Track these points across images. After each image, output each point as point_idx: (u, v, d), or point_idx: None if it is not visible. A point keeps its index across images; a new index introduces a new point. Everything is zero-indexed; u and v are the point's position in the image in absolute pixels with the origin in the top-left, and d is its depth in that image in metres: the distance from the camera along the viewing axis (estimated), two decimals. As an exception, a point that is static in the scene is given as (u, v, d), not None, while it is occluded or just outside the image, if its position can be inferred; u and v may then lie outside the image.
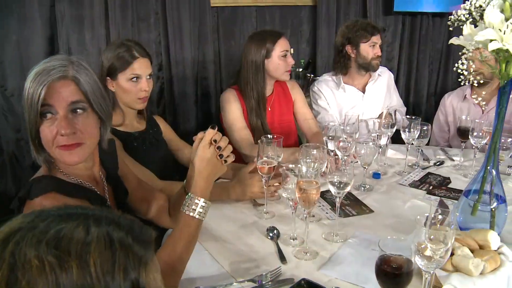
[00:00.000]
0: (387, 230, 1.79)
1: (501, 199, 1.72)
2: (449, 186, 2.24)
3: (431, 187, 2.20)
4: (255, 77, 2.63)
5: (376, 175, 2.29)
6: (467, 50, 1.60)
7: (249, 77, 2.63)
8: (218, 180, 2.21)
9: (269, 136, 1.99)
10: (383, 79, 3.29)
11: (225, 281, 1.48)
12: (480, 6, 1.58)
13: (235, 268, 1.56)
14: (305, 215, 1.61)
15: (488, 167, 1.68)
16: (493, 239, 1.48)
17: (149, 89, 2.19)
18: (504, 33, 1.45)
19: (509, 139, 2.20)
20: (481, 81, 2.54)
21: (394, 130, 2.38)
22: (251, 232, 1.80)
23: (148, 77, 2.18)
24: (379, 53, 3.10)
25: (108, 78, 2.15)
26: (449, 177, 2.33)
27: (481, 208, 1.71)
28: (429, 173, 2.37)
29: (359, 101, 3.14)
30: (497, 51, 1.49)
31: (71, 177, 1.42)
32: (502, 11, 1.52)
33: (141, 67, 2.16)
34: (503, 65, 1.56)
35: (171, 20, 3.70)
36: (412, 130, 2.29)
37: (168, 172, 2.27)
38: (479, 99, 1.96)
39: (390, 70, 5.09)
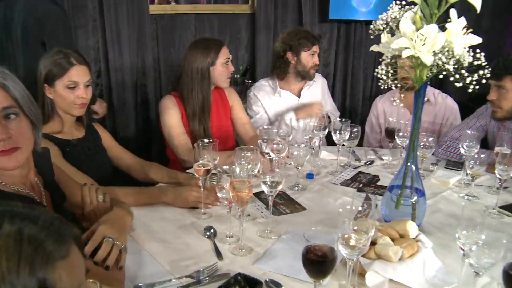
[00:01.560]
0: (318, 225, 1.89)
1: (421, 193, 1.86)
2: (378, 183, 2.38)
3: (361, 185, 2.34)
4: (200, 84, 2.69)
5: (310, 176, 2.40)
6: (386, 56, 1.73)
7: (194, 84, 2.68)
8: (158, 184, 2.28)
9: (205, 140, 2.06)
10: (318, 84, 3.43)
11: (165, 278, 1.54)
12: (395, 17, 1.72)
13: (174, 266, 1.62)
14: (239, 214, 1.69)
15: (409, 164, 1.82)
16: (411, 228, 1.61)
17: (86, 97, 2.21)
18: (415, 42, 1.58)
19: (430, 138, 2.36)
20: (407, 86, 2.76)
21: (326, 132, 2.50)
22: (189, 232, 1.86)
23: (86, 84, 2.20)
24: (317, 62, 3.27)
25: (46, 85, 2.15)
26: (378, 175, 2.47)
27: (404, 201, 1.85)
28: (360, 172, 2.51)
29: (294, 105, 3.26)
30: (411, 58, 1.63)
31: (8, 185, 1.44)
32: (414, 22, 1.66)
33: (79, 74, 2.17)
34: (417, 70, 1.71)
35: (110, 27, 3.72)
36: (342, 132, 2.42)
37: (108, 179, 2.29)
38: (398, 101, 2.12)
39: (327, 76, 5.30)
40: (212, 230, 1.83)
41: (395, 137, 2.47)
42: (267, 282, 1.49)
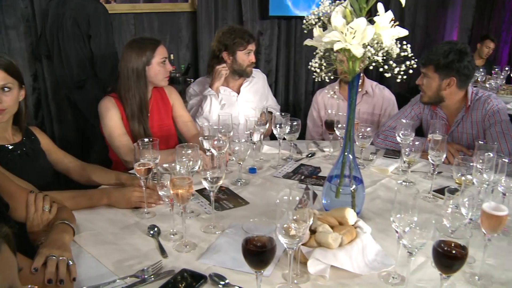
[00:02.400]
0: (261, 218, 1.92)
1: (359, 181, 1.92)
2: (319, 174, 2.44)
3: (303, 177, 2.38)
4: (137, 84, 2.66)
5: (252, 170, 2.43)
6: (320, 50, 1.77)
7: (130, 83, 2.65)
8: (101, 186, 2.26)
9: (144, 139, 2.05)
10: (258, 80, 3.46)
11: (109, 279, 1.53)
12: (327, 12, 1.77)
13: (118, 267, 1.61)
14: (181, 210, 1.70)
15: (346, 153, 1.88)
16: (350, 215, 1.66)
17: (4, 103, 2.03)
18: (346, 35, 1.64)
19: (368, 129, 2.44)
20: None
21: (266, 127, 2.54)
22: (133, 232, 1.85)
23: (6, 89, 2.02)
24: (253, 60, 3.27)
25: None
26: (319, 167, 2.53)
27: (343, 190, 1.90)
28: (301, 165, 2.56)
29: (234, 102, 3.29)
30: (343, 50, 1.68)
31: None
32: (344, 16, 1.71)
33: None
34: (350, 63, 1.76)
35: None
36: (283, 126, 2.46)
37: (48, 183, 2.24)
38: (331, 92, 2.17)
39: (269, 72, 5.36)
40: (156, 229, 1.83)
41: (334, 128, 2.54)
42: (212, 276, 1.51)
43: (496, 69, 5.24)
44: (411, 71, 1.63)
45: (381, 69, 1.62)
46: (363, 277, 1.54)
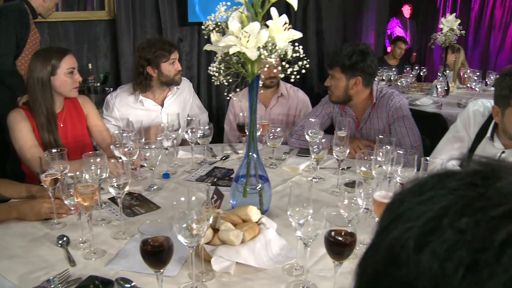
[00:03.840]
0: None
1: (265, 179, 1.99)
2: (232, 176, 2.49)
3: (215, 179, 2.43)
4: (42, 94, 2.61)
5: (166, 175, 2.45)
6: (219, 54, 1.83)
7: (36, 94, 2.60)
8: (10, 200, 2.21)
9: (52, 150, 2.03)
10: (183, 90, 3.39)
11: (12, 293, 1.51)
12: (225, 18, 1.83)
13: (23, 280, 1.58)
14: (87, 218, 1.71)
15: (250, 153, 1.95)
16: (253, 212, 1.73)
17: None
18: (241, 39, 1.70)
19: (278, 129, 2.53)
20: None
21: (178, 132, 2.57)
22: (41, 244, 1.83)
23: None
24: (179, 68, 3.17)
25: None
26: (232, 169, 2.59)
27: (250, 190, 1.96)
28: (215, 167, 2.61)
29: (157, 114, 3.26)
30: (239, 54, 1.75)
31: None
32: (242, 22, 1.78)
33: None
34: (249, 65, 1.83)
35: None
36: (194, 130, 2.50)
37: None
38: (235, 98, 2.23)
39: (191, 78, 5.38)
40: (64, 239, 1.81)
41: (246, 131, 2.60)
42: (118, 280, 1.52)
43: (407, 68, 5.52)
44: (304, 71, 1.72)
45: (274, 70, 1.70)
46: (267, 271, 1.61)
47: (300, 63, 1.72)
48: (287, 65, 1.71)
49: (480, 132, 2.42)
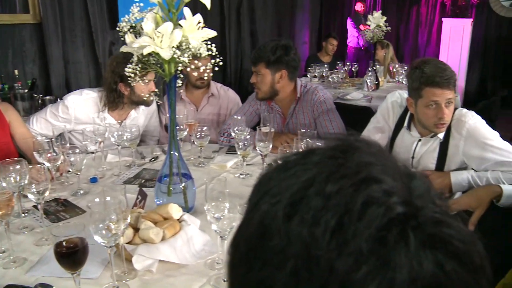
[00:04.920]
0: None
1: (188, 177, 2.01)
2: (161, 177, 2.51)
3: (143, 181, 2.44)
4: None
5: (93, 180, 2.43)
6: (136, 55, 1.84)
7: None
8: None
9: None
10: (145, 109, 3.20)
11: None
12: (139, 19, 1.84)
13: None
14: (5, 226, 1.68)
15: (172, 152, 1.97)
16: (173, 210, 1.75)
17: None
18: (155, 40, 1.72)
19: (204, 128, 2.56)
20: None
21: (106, 136, 2.55)
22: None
23: None
24: (154, 89, 2.88)
25: None
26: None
27: (174, 188, 1.98)
28: (144, 169, 2.61)
29: (115, 130, 3.06)
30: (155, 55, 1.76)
31: None
32: (157, 22, 1.80)
33: None
34: (166, 66, 1.85)
35: None
36: (120, 133, 2.49)
37: None
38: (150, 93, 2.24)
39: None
40: (-18, 250, 1.78)
41: (173, 131, 2.62)
42: (37, 287, 1.51)
43: (339, 64, 5.67)
44: (216, 68, 1.76)
45: (188, 69, 1.73)
46: (189, 266, 1.63)
47: (213, 61, 1.75)
48: (199, 64, 1.74)
49: (399, 122, 2.54)
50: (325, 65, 5.64)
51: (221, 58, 1.76)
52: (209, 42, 1.79)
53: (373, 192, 0.48)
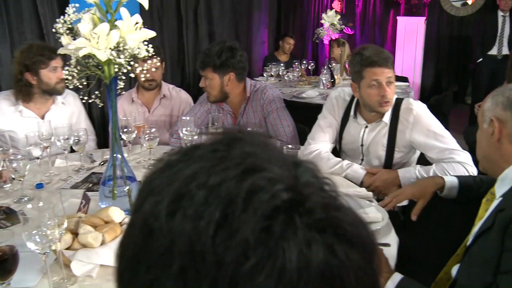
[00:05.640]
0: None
1: (133, 180, 1.99)
2: (110, 180, 2.47)
3: (91, 185, 2.39)
4: None
5: (39, 185, 2.37)
6: (74, 57, 1.80)
7: None
8: None
9: None
10: (69, 106, 3.17)
11: None
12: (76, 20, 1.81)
13: None
14: None
15: (115, 155, 1.94)
16: (114, 213, 1.72)
17: None
18: (91, 41, 1.69)
19: (153, 129, 2.53)
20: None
21: (52, 140, 2.49)
22: None
23: None
24: (62, 76, 2.76)
25: None
26: (110, 173, 2.56)
27: (119, 192, 1.96)
28: (92, 173, 2.56)
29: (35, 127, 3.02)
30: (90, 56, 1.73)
31: None
32: (95, 23, 1.77)
33: None
34: (106, 67, 1.82)
35: None
36: (67, 137, 2.45)
37: None
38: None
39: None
40: None
41: (120, 133, 2.58)
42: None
43: (296, 63, 5.71)
44: (154, 69, 1.74)
45: (125, 70, 1.71)
46: (132, 269, 1.61)
47: (149, 61, 1.73)
48: (136, 65, 1.72)
49: (345, 114, 2.66)
50: (282, 64, 5.66)
51: (159, 59, 1.74)
52: (146, 43, 1.77)
53: (257, 181, 0.47)
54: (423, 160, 2.57)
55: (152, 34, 1.81)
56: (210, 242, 0.45)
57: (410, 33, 7.76)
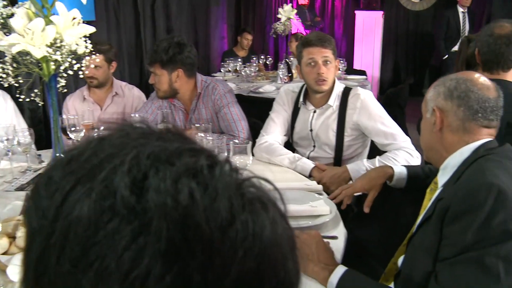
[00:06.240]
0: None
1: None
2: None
3: (37, 186, 2.32)
4: None
5: (-19, 188, 2.30)
6: (9, 54, 1.74)
7: None
8: None
9: None
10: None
11: None
12: (8, 16, 1.74)
13: None
14: None
15: (57, 155, 1.89)
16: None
17: None
18: (25, 37, 1.63)
19: (102, 127, 2.47)
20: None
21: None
22: None
23: None
24: None
25: None
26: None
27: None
28: (39, 174, 2.49)
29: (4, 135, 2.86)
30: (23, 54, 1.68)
31: None
32: (30, 18, 1.71)
33: None
34: (44, 64, 1.76)
35: None
36: (11, 138, 2.37)
37: None
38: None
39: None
40: None
41: (68, 133, 2.51)
42: None
43: (254, 58, 5.70)
44: (92, 66, 1.70)
45: (62, 68, 1.66)
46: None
47: (87, 58, 1.69)
48: (74, 62, 1.67)
49: (295, 105, 2.74)
50: (239, 59, 5.64)
51: (98, 55, 1.70)
52: (84, 39, 1.72)
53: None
54: (374, 155, 2.61)
55: (91, 29, 1.76)
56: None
57: (369, 27, 7.85)
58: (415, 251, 1.50)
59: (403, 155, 2.41)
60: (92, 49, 1.72)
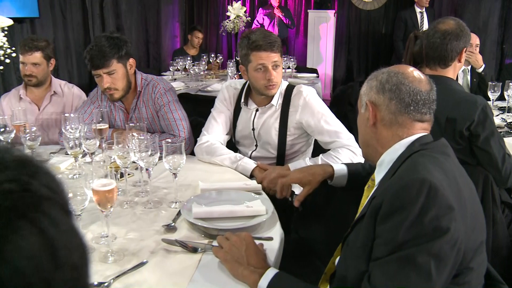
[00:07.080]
0: None
1: None
2: None
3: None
4: None
5: None
6: None
7: None
8: None
9: None
10: None
11: None
12: None
13: None
14: None
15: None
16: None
17: None
18: None
19: (34, 128, 2.35)
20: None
21: None
22: None
23: None
24: None
25: None
26: None
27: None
28: None
29: None
30: None
31: None
32: None
33: None
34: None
35: None
36: None
37: None
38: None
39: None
40: None
41: (-3, 134, 2.38)
42: None
43: (204, 56, 5.62)
44: (8, 61, 1.59)
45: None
46: None
47: (1, 52, 1.57)
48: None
49: (237, 103, 2.68)
50: (189, 58, 5.54)
51: (14, 49, 1.59)
52: (2, 34, 1.61)
53: None
54: (318, 154, 2.57)
55: (8, 22, 1.65)
56: None
57: (321, 26, 7.87)
58: (348, 250, 1.46)
59: (346, 154, 2.38)
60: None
